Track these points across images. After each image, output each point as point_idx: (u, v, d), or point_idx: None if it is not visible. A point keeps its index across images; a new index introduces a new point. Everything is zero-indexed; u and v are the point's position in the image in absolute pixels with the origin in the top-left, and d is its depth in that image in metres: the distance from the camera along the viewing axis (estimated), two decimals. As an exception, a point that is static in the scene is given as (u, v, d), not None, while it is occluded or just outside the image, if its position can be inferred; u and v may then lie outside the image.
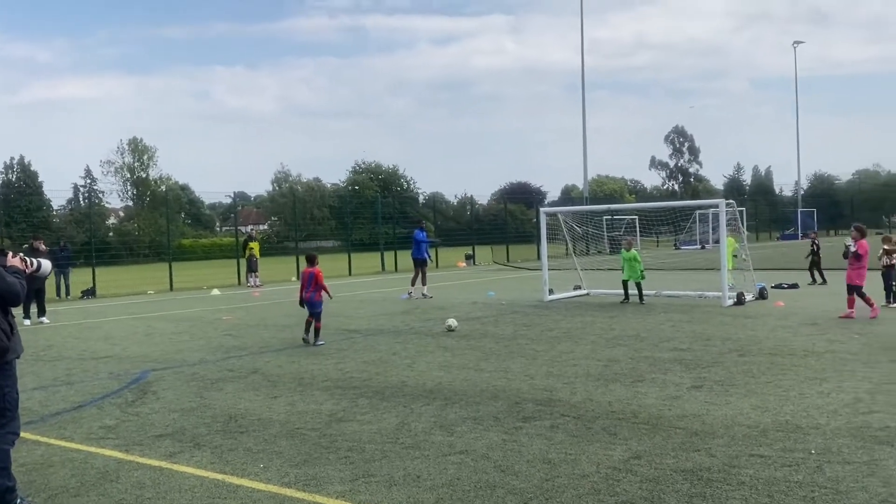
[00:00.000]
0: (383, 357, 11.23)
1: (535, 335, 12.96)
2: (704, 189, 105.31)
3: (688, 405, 7.67)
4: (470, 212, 58.54)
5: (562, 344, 11.86)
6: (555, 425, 7.04)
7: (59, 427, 7.71)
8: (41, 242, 18.59)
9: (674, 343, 11.61)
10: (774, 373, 9.14)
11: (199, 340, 13.95)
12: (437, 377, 9.53)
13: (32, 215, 60.56)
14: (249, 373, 10.36)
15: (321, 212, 74.73)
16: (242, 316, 18.10)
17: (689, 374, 9.19)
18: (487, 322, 15.01)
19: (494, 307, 17.85)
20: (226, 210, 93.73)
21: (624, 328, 13.44)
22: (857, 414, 7.10)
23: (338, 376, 9.86)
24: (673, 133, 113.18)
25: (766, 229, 71.24)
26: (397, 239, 40.99)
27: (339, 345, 12.66)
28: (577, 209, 26.57)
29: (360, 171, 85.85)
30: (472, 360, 10.73)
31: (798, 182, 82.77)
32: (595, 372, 9.51)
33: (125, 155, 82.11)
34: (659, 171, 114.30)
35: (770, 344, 11.29)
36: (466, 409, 7.77)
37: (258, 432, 7.20)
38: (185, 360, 11.62)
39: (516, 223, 57.98)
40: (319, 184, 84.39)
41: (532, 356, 10.85)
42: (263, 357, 11.69)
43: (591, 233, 30.56)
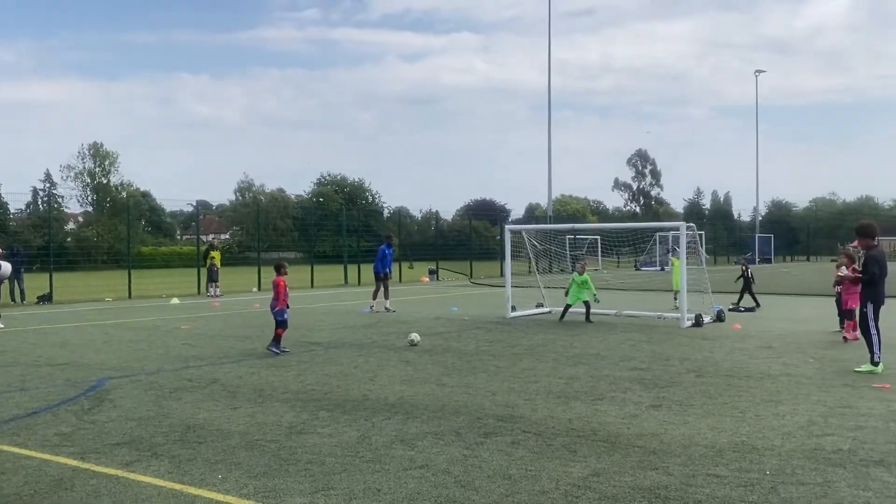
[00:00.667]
0: (345, 370, 11.20)
1: (497, 351, 13.02)
2: (665, 212, 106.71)
3: (646, 424, 7.75)
4: (434, 227, 58.67)
5: (524, 360, 11.93)
6: (516, 441, 7.08)
7: (13, 433, 7.56)
8: None
9: (633, 362, 11.74)
10: (731, 394, 9.28)
11: (157, 349, 13.77)
12: (399, 391, 9.53)
13: (-13, 218, 59.37)
14: (209, 383, 10.25)
15: (284, 223, 74.32)
16: (202, 325, 17.91)
17: (648, 394, 9.30)
18: (450, 337, 15.04)
19: (457, 322, 17.89)
20: (187, 218, 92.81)
21: (585, 347, 13.56)
22: (811, 436, 7.24)
23: (298, 388, 9.80)
24: (636, 156, 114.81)
25: (724, 253, 72.35)
26: (361, 252, 40.89)
27: (300, 357, 12.59)
28: (541, 228, 26.77)
29: (325, 183, 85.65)
30: (435, 374, 10.74)
31: (756, 208, 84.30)
32: (556, 389, 9.58)
33: (86, 160, 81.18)
34: (621, 193, 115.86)
35: (727, 366, 11.46)
36: (428, 424, 7.78)
37: (217, 443, 7.13)
38: (143, 369, 11.47)
39: (480, 240, 58.26)
40: (283, 195, 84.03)
41: (494, 372, 10.90)
42: (223, 367, 11.58)
43: (554, 251, 30.79)
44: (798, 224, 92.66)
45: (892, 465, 6.25)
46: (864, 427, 7.56)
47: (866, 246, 11.21)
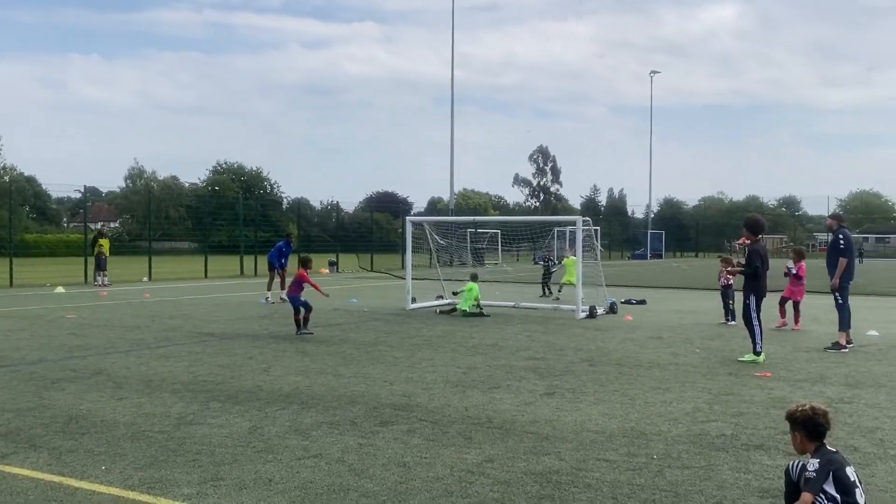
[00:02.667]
0: (238, 361, 10.94)
1: (395, 342, 12.99)
2: (563, 208, 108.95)
3: (540, 411, 7.88)
4: (336, 219, 58.08)
5: (422, 351, 11.94)
6: (411, 430, 7.07)
7: None
8: None
9: (529, 352, 11.91)
10: (622, 382, 9.53)
11: (39, 339, 13.13)
12: (294, 382, 9.38)
13: None
14: (93, 373, 9.84)
15: (178, 211, 72.14)
16: (88, 315, 17.18)
17: (543, 382, 9.45)
18: (348, 328, 14.91)
19: (356, 314, 17.76)
20: (75, 205, 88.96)
21: (483, 337, 13.68)
22: (696, 422, 7.51)
23: (188, 379, 9.52)
24: (537, 152, 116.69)
25: (618, 249, 74.48)
26: (258, 242, 40.07)
27: (192, 348, 12.23)
28: (442, 220, 26.88)
29: (221, 171, 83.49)
30: (331, 365, 10.62)
31: (649, 205, 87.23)
32: (454, 378, 9.62)
33: (-35, 141, 76.52)
34: (522, 189, 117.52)
35: (618, 355, 11.78)
36: (323, 414, 7.68)
37: (101, 434, 6.84)
38: (24, 359, 10.91)
39: (382, 232, 58.05)
40: (177, 182, 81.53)
41: (392, 362, 10.86)
42: (109, 358, 11.13)
43: (454, 245, 30.98)
44: (688, 221, 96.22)
45: (771, 449, 6.54)
46: (745, 413, 7.89)
47: (751, 240, 11.69)
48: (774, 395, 8.87)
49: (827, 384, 9.62)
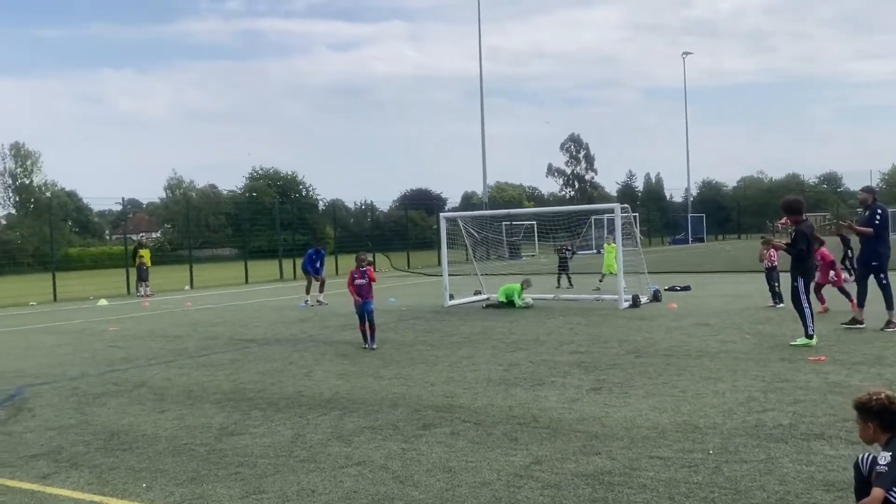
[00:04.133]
0: (279, 367, 10.85)
1: (435, 341, 12.81)
2: (599, 195, 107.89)
3: (587, 408, 7.64)
4: (370, 218, 58.15)
5: (462, 349, 11.75)
6: (455, 432, 6.88)
7: (-82, 451, 7.05)
8: None
9: (572, 346, 11.66)
10: (671, 373, 9.25)
11: (82, 353, 13.18)
12: (335, 386, 9.25)
13: None
14: (135, 386, 9.81)
15: (217, 219, 72.79)
16: (130, 327, 17.28)
17: (589, 377, 9.20)
18: (387, 329, 14.76)
19: (395, 313, 17.63)
20: (116, 217, 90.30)
21: (524, 332, 13.45)
22: (752, 412, 7.21)
23: (230, 388, 9.44)
24: (569, 141, 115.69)
25: (658, 234, 73.54)
26: (296, 246, 40.20)
27: (233, 355, 12.18)
28: (476, 214, 26.64)
29: (257, 177, 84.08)
30: (372, 367, 10.48)
31: (688, 189, 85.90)
32: (496, 377, 9.42)
33: (6, 160, 78.07)
34: (556, 178, 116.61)
35: (665, 345, 11.47)
36: (365, 419, 7.52)
37: (142, 449, 6.76)
38: (66, 374, 10.93)
39: (417, 230, 57.96)
40: (215, 190, 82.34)
41: (432, 362, 10.69)
42: (151, 369, 11.11)
43: (490, 238, 30.72)
44: (728, 203, 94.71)
45: (832, 439, 6.24)
46: (802, 401, 7.57)
47: (795, 221, 11.29)
48: (831, 379, 8.52)
49: (885, 366, 9.23)
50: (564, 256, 24.30)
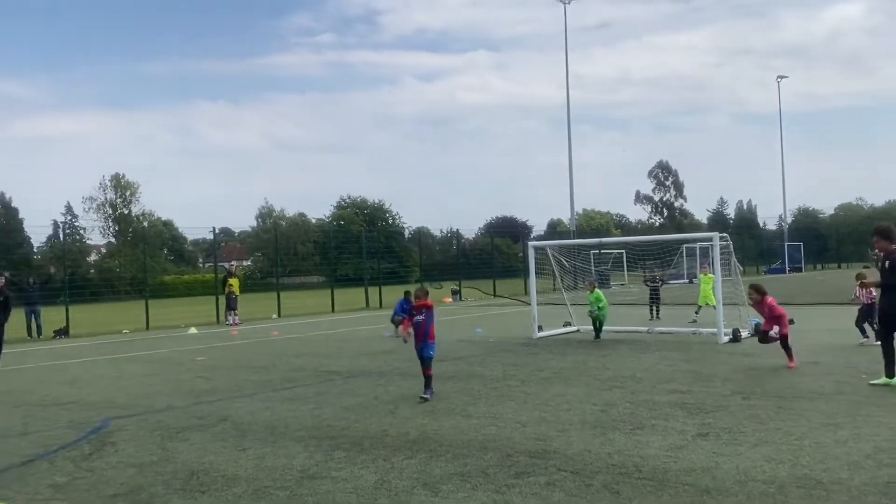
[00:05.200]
0: (363, 402, 10.51)
1: (525, 376, 12.28)
2: (689, 223, 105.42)
3: (694, 456, 7.01)
4: (456, 246, 58.01)
5: (554, 386, 11.18)
6: (551, 482, 6.36)
7: (2, 486, 6.94)
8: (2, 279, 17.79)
9: (673, 384, 10.96)
10: (783, 418, 8.50)
11: (169, 384, 13.17)
12: (422, 424, 8.83)
13: (13, 252, 59.58)
14: (218, 420, 9.62)
15: (305, 247, 74.01)
16: (217, 356, 17.32)
17: (693, 420, 8.54)
18: (475, 361, 14.32)
19: (482, 345, 17.16)
20: (210, 246, 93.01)
21: (619, 368, 12.78)
22: (882, 466, 6.46)
23: (313, 424, 9.13)
24: (657, 168, 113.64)
25: (752, 263, 70.98)
26: (382, 274, 40.32)
27: (318, 388, 11.93)
28: (566, 243, 26.05)
29: (345, 205, 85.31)
30: (459, 404, 10.03)
31: (784, 216, 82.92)
32: (591, 418, 8.84)
33: (107, 191, 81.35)
34: (644, 206, 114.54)
35: (775, 385, 10.67)
36: (453, 463, 7.07)
37: (221, 492, 6.48)
38: (152, 406, 10.85)
39: (503, 258, 57.52)
40: (304, 219, 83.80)
41: (523, 400, 10.17)
42: (235, 402, 10.94)
43: (578, 267, 30.00)
44: (826, 231, 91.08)
45: (985, 502, 5.47)
46: (940, 454, 6.76)
47: (886, 250, 10.30)
48: (970, 429, 7.64)
49: None
50: (656, 287, 23.33)
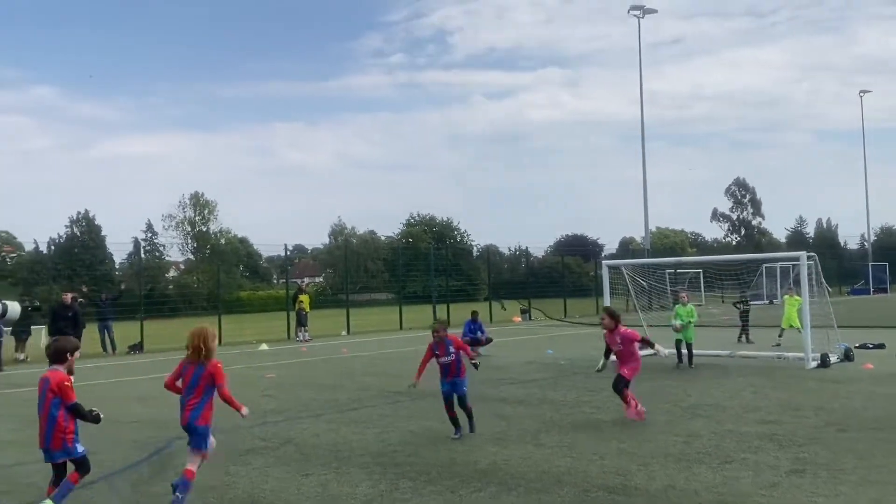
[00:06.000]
0: (431, 426, 10.10)
1: (600, 402, 11.71)
2: (768, 242, 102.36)
3: (791, 496, 6.40)
4: (525, 264, 57.33)
5: (631, 413, 10.58)
6: (633, 523, 5.84)
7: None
8: (69, 296, 18.06)
9: (760, 414, 10.25)
10: (885, 454, 7.79)
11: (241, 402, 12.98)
12: (492, 453, 8.38)
13: (95, 268, 61.31)
14: (283, 443, 9.36)
15: (375, 264, 74.30)
16: (286, 374, 17.17)
17: (786, 455, 7.88)
18: (546, 385, 13.78)
19: (553, 368, 16.60)
20: (282, 262, 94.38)
21: (700, 395, 12.09)
22: None
23: (378, 450, 8.78)
24: (734, 185, 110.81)
25: (834, 284, 68.23)
26: (450, 291, 39.98)
27: (384, 410, 11.59)
28: (642, 262, 25.30)
29: (414, 223, 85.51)
30: (531, 431, 9.54)
31: (867, 235, 79.71)
32: (674, 450, 8.25)
33: (186, 209, 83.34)
34: (720, 224, 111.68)
35: (871, 415, 9.89)
36: (526, 498, 6.61)
37: (281, 523, 6.15)
38: (217, 426, 10.59)
39: (573, 276, 56.54)
40: (374, 236, 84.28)
41: (599, 428, 9.63)
42: (300, 423, 10.67)
43: (653, 287, 29.13)
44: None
45: None
46: None
47: None
48: None
49: None
50: (747, 309, 22.14)
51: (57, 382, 6.32)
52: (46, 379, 6.40)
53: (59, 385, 6.31)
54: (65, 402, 6.31)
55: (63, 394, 6.31)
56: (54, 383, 6.32)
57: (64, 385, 6.32)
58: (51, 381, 6.34)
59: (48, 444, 6.34)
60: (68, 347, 6.57)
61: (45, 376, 6.43)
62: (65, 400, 6.31)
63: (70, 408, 6.38)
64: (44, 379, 6.42)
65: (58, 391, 6.30)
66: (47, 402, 6.31)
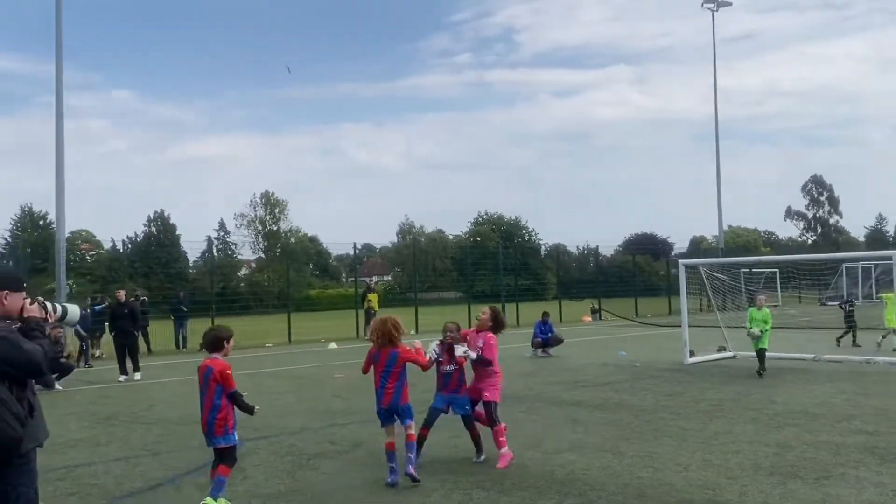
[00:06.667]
0: (503, 431, 9.74)
1: (680, 408, 11.17)
2: (845, 241, 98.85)
3: (901, 518, 5.84)
4: (594, 263, 56.39)
5: (715, 421, 10.02)
6: (727, 545, 5.39)
7: (126, 514, 6.64)
8: (123, 294, 18.29)
9: (855, 423, 9.60)
10: None
11: (305, 402, 12.88)
12: (569, 462, 7.98)
13: (170, 267, 62.70)
14: (352, 446, 9.14)
15: (443, 263, 74.19)
16: (355, 374, 16.91)
17: (889, 470, 7.29)
18: (622, 389, 13.28)
19: (628, 370, 16.05)
20: (351, 261, 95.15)
21: (788, 401, 11.44)
22: None
23: (449, 455, 8.48)
24: (811, 183, 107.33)
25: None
26: (518, 290, 39.52)
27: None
28: (722, 261, 24.50)
29: (481, 222, 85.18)
30: (610, 439, 9.10)
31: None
32: (766, 463, 7.72)
33: (258, 208, 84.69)
34: (795, 222, 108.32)
35: (980, 428, 9.14)
36: (607, 513, 6.20)
37: (350, 534, 5.89)
38: (286, 428, 10.50)
39: (643, 276, 55.42)
40: (442, 235, 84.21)
41: (681, 436, 9.12)
42: (370, 426, 10.36)
43: (730, 286, 28.20)
44: None
45: None
46: None
47: None
48: None
49: None
50: (853, 310, 20.82)
51: (220, 370, 6.46)
52: (209, 367, 6.49)
53: (221, 373, 6.45)
54: (226, 389, 6.44)
55: (225, 381, 6.45)
56: (217, 371, 6.45)
57: (226, 373, 6.48)
58: (214, 370, 6.46)
59: (211, 430, 6.46)
60: (224, 336, 6.67)
61: (208, 364, 6.52)
62: (226, 388, 6.45)
63: (230, 395, 6.51)
64: (206, 367, 6.51)
65: (220, 379, 6.43)
66: (211, 390, 6.43)
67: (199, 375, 6.56)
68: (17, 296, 4.23)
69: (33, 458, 4.22)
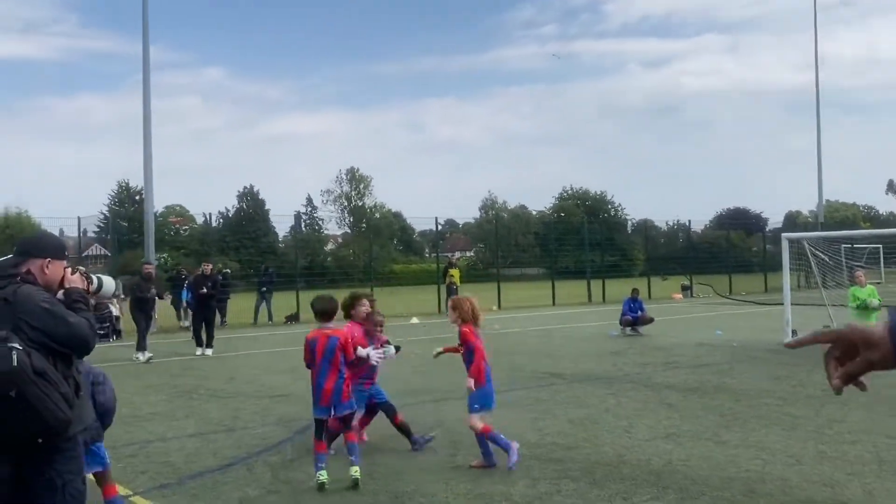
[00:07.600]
0: (593, 415, 9.14)
1: (786, 392, 10.32)
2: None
3: None
4: (684, 239, 54.71)
5: (826, 407, 9.16)
6: (856, 555, 4.70)
7: (193, 496, 6.33)
8: (210, 267, 18.32)
9: None
10: None
11: (387, 381, 12.49)
12: (665, 451, 7.33)
13: (260, 241, 63.87)
14: (430, 427, 8.68)
15: (526, 238, 73.35)
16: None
17: None
18: (720, 371, 12.45)
19: (725, 350, 15.16)
20: (434, 236, 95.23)
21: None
22: None
23: (536, 440, 7.93)
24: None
25: None
26: (604, 266, 38.53)
27: (538, 394, 10.73)
28: (826, 235, 23.20)
29: (566, 197, 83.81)
30: (709, 425, 8.39)
31: None
32: (889, 456, 6.91)
33: (343, 184, 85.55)
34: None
35: None
36: (713, 511, 5.56)
37: (426, 526, 5.42)
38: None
39: (736, 251, 53.44)
40: (525, 210, 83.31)
41: (789, 424, 8.34)
42: (449, 404, 10.00)
43: (832, 262, 26.69)
44: None
45: None
46: None
47: None
48: None
49: None
50: None
51: (344, 340, 6.55)
52: (334, 337, 6.52)
53: (345, 342, 6.54)
54: (347, 358, 6.57)
55: (347, 351, 6.56)
56: (343, 340, 6.54)
57: (348, 342, 6.59)
58: (339, 339, 6.51)
59: (338, 398, 6.43)
60: (335, 307, 6.78)
61: (330, 335, 6.53)
62: (348, 357, 6.57)
63: (350, 364, 6.67)
64: (329, 337, 6.52)
65: (345, 348, 6.52)
66: (336, 359, 6.47)
67: (319, 345, 6.47)
68: (59, 264, 3.88)
69: (80, 442, 3.89)
